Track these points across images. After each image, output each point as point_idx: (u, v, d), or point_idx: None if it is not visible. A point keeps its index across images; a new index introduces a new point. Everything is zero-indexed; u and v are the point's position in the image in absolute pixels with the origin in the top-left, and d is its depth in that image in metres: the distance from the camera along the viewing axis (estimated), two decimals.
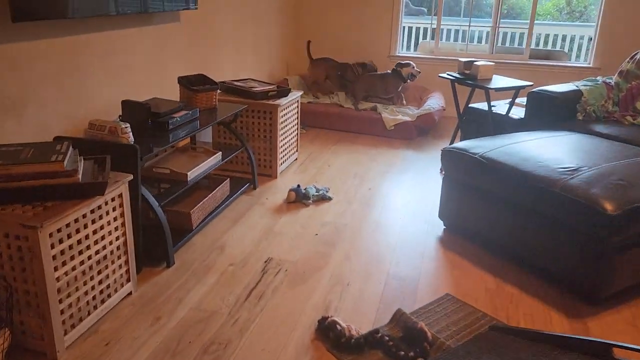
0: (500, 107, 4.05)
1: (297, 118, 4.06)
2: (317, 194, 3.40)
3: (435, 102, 5.03)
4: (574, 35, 7.19)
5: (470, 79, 3.68)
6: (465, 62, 3.78)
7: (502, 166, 2.59)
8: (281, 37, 5.61)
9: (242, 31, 4.56)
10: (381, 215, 3.20)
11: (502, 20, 5.73)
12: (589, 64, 5.39)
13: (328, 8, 5.82)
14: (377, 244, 2.85)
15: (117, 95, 2.99)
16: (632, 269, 2.32)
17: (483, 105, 4.08)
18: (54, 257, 1.81)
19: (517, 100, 4.16)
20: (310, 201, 3.34)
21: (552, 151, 2.70)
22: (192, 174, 2.82)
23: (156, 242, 2.58)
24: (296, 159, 4.17)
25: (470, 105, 4.05)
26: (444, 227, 3.07)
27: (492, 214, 2.69)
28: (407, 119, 4.79)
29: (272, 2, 5.24)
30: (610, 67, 5.27)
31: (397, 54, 5.79)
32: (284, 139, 3.79)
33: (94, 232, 2.01)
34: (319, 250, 2.76)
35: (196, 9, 3.50)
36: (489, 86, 3.56)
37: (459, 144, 2.93)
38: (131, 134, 2.40)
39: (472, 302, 2.33)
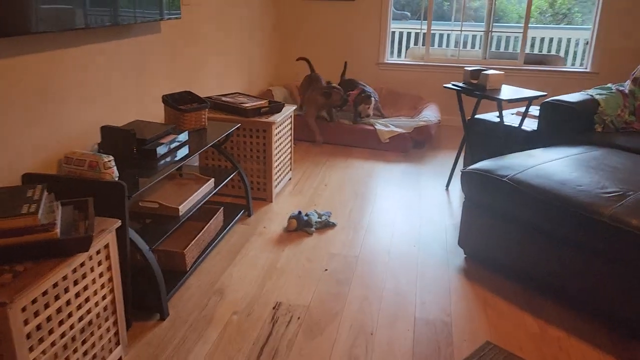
0: (507, 118, 3.80)
1: (291, 135, 3.73)
2: (319, 220, 3.08)
3: (431, 113, 4.77)
4: (561, 38, 7.06)
5: (478, 89, 3.42)
6: (472, 70, 3.52)
7: (537, 191, 2.32)
8: (265, 47, 5.28)
9: (225, 41, 4.21)
10: (392, 244, 2.90)
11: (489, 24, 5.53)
12: (586, 68, 5.22)
13: (312, 16, 5.51)
14: (396, 279, 2.55)
15: (93, 119, 2.61)
16: None
17: (488, 117, 3.83)
18: (28, 336, 1.44)
19: (523, 110, 3.93)
20: (313, 229, 3.02)
21: (587, 172, 2.45)
22: (184, 207, 2.47)
23: (146, 290, 2.23)
24: (290, 178, 3.84)
25: (475, 116, 3.79)
26: (465, 255, 2.79)
27: (525, 244, 2.42)
28: (402, 131, 4.51)
29: (255, 10, 4.90)
30: (609, 72, 5.11)
31: (387, 61, 5.52)
32: (278, 158, 3.46)
33: (77, 295, 1.65)
34: (332, 291, 2.44)
35: (179, 18, 3.14)
36: (500, 97, 3.30)
37: (481, 165, 2.65)
38: (115, 168, 2.03)
39: (517, 351, 2.04)
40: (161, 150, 2.41)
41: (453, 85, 3.56)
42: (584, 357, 2.02)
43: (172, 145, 2.52)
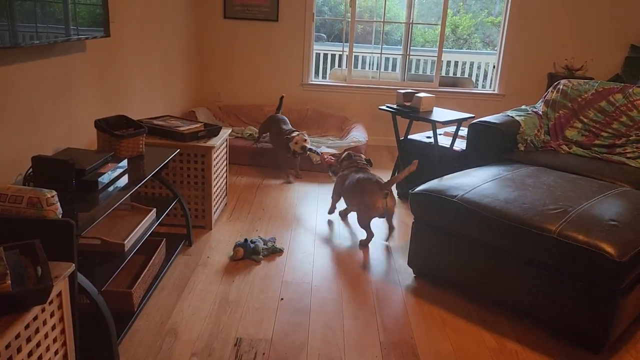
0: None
1: (227, 159, 3.61)
2: (266, 247, 2.99)
3: (360, 134, 4.85)
4: (465, 62, 7.54)
5: (412, 111, 3.53)
6: (404, 93, 3.63)
7: (487, 210, 2.41)
8: (187, 67, 5.09)
9: (149, 61, 4.00)
10: (342, 267, 2.87)
11: (391, 46, 5.78)
12: (494, 90, 5.61)
13: (235, 36, 5.42)
14: (354, 304, 2.52)
15: (19, 148, 2.34)
16: (630, 311, 2.26)
17: (419, 137, 3.97)
18: None
19: (450, 131, 4.12)
20: (260, 257, 2.91)
21: (526, 191, 2.59)
22: (129, 242, 2.27)
23: (94, 338, 2.00)
24: (226, 204, 3.70)
25: (407, 137, 3.90)
26: (414, 275, 2.83)
27: (476, 261, 2.50)
28: (334, 152, 4.54)
29: (177, 30, 4.72)
30: (514, 94, 5.52)
31: (310, 82, 5.55)
32: (216, 184, 3.32)
33: (29, 354, 1.43)
34: (292, 321, 2.35)
35: (108, 36, 2.93)
36: (431, 118, 3.43)
37: (428, 186, 2.72)
38: (59, 204, 1.82)
39: None
40: (103, 180, 2.21)
41: (388, 107, 3.65)
42: None
43: (113, 175, 2.32)
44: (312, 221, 3.49)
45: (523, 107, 4.06)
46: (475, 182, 2.72)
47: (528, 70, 5.46)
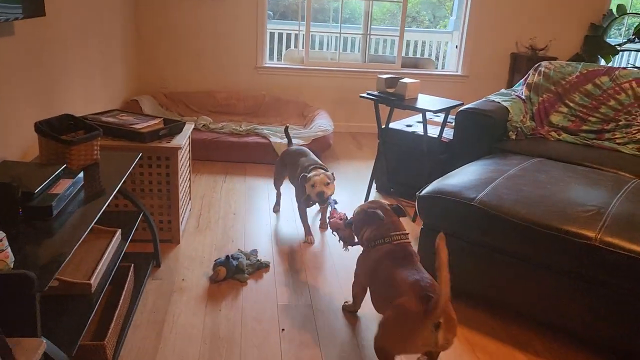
0: (416, 127, 3.67)
1: (190, 158, 3.13)
2: (251, 263, 2.58)
3: (326, 122, 4.48)
4: (417, 41, 7.31)
5: (397, 98, 3.19)
6: (387, 78, 3.29)
7: (514, 217, 2.13)
8: (126, 52, 4.47)
9: (86, 47, 3.40)
10: (341, 282, 2.53)
11: (344, 25, 5.42)
12: (457, 71, 5.39)
13: (178, 16, 4.82)
14: (365, 327, 2.18)
15: None
16: None
17: (398, 126, 3.66)
18: None
19: (431, 118, 3.84)
20: (246, 275, 2.50)
21: (545, 189, 2.35)
22: (96, 279, 1.80)
23: None
24: (191, 209, 3.23)
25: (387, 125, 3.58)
26: None
27: (501, 273, 2.23)
28: (301, 142, 4.14)
29: (115, 11, 4.09)
30: (478, 75, 5.34)
31: (265, 65, 5.08)
32: (182, 189, 2.84)
33: None
34: (302, 358, 1.98)
35: (43, 15, 2.35)
36: (419, 106, 3.12)
37: (438, 187, 2.41)
38: (9, 249, 1.33)
39: None
40: (57, 204, 1.71)
41: (368, 94, 3.29)
42: None
43: (69, 195, 1.82)
44: (293, 225, 3.11)
45: (503, 90, 3.85)
46: (486, 180, 2.44)
47: (491, 50, 5.28)
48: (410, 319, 1.63)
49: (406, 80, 3.22)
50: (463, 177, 2.50)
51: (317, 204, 2.84)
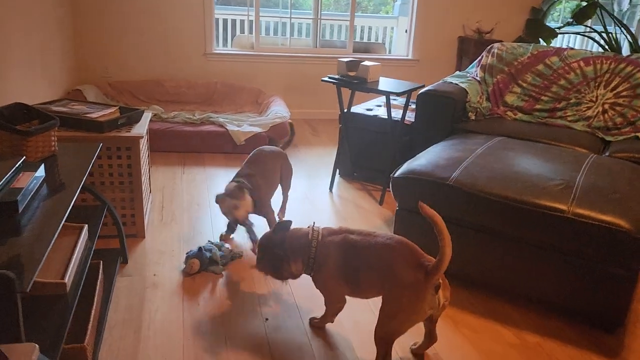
0: (376, 110, 3.67)
1: (148, 149, 2.98)
2: (223, 254, 2.49)
3: (282, 109, 4.40)
4: (364, 26, 7.33)
5: (360, 81, 3.17)
6: (348, 62, 3.26)
7: (490, 194, 2.17)
8: (65, 38, 4.19)
9: (21, 33, 3.16)
10: None
11: (293, 11, 5.36)
12: (408, 55, 5.45)
13: (123, 3, 4.58)
14: (351, 314, 2.16)
15: None
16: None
17: (358, 109, 3.65)
18: None
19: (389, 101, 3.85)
20: (220, 267, 2.42)
21: (515, 166, 2.40)
22: (70, 279, 1.67)
23: None
24: (151, 202, 3.08)
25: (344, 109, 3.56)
26: None
27: (476, 249, 2.27)
28: (259, 130, 4.06)
29: (55, 3, 3.83)
30: (428, 59, 5.42)
31: (214, 51, 4.93)
32: (143, 181, 2.71)
33: None
34: (291, 346, 1.94)
35: None
36: (381, 88, 3.11)
37: (411, 168, 2.41)
38: None
39: None
40: (22, 200, 1.57)
41: (330, 78, 3.25)
42: (571, 359, 1.96)
43: (32, 189, 1.67)
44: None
45: (458, 72, 3.92)
46: (457, 160, 2.47)
47: (440, 34, 5.37)
48: (414, 289, 1.64)
49: (367, 63, 3.20)
50: (434, 158, 2.52)
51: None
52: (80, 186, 1.81)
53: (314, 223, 1.94)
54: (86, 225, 2.01)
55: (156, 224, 2.83)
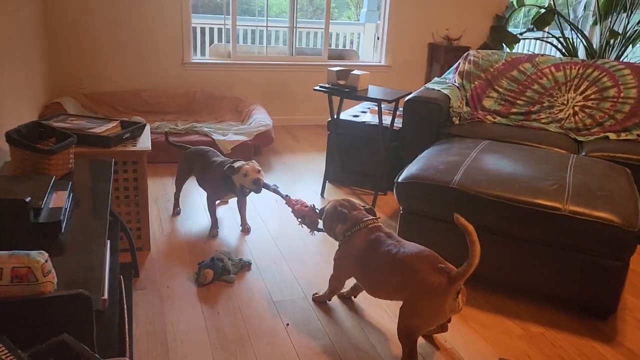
0: (362, 117, 3.79)
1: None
2: (234, 263, 2.54)
3: (264, 116, 4.46)
4: (331, 33, 7.45)
5: (351, 90, 3.28)
6: (337, 71, 3.36)
7: (491, 195, 2.32)
8: (38, 50, 4.12)
9: (8, 46, 3.10)
10: (325, 268, 2.58)
11: (261, 19, 5.43)
12: (380, 61, 5.61)
13: (95, 8, 4.52)
14: (363, 312, 2.26)
15: None
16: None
17: (345, 116, 3.76)
18: None
19: (375, 108, 3.98)
20: (233, 276, 2.47)
21: (509, 167, 2.57)
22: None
23: None
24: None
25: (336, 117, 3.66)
26: None
27: (481, 248, 2.41)
28: (245, 138, 4.11)
29: (21, 3, 3.75)
30: (400, 65, 5.60)
31: (192, 60, 4.93)
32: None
33: None
34: (315, 349, 2.02)
35: None
36: (371, 96, 3.24)
37: (413, 173, 2.54)
38: (54, 270, 1.23)
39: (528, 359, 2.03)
40: (63, 219, 1.59)
41: (322, 87, 3.35)
42: (573, 346, 2.13)
43: (68, 208, 1.69)
44: (257, 216, 3.09)
45: (437, 79, 4.09)
46: (455, 164, 2.61)
47: (410, 41, 5.56)
48: (438, 291, 1.76)
49: (357, 72, 3.32)
50: (432, 162, 2.66)
51: (252, 192, 2.76)
52: (109, 201, 1.84)
53: (375, 215, 2.16)
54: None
55: (158, 236, 2.85)
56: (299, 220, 2.38)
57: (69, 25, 4.48)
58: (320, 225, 2.31)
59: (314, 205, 2.38)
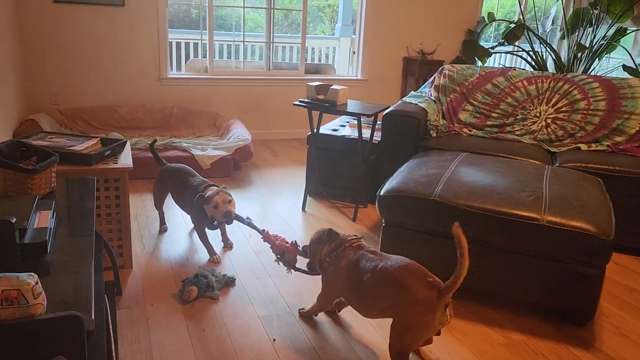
0: (341, 130, 3.84)
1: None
2: (217, 279, 2.53)
3: (243, 131, 4.47)
4: (307, 47, 7.53)
5: (330, 104, 3.33)
6: (317, 86, 3.40)
7: (470, 207, 2.38)
8: (9, 66, 4.06)
9: None
10: (310, 283, 2.59)
11: (236, 33, 5.47)
12: (356, 75, 5.69)
13: (70, 25, 4.48)
14: (350, 326, 2.28)
15: None
16: None
17: (324, 130, 3.80)
18: None
19: (354, 122, 4.03)
20: (217, 292, 2.46)
21: (487, 179, 2.64)
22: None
23: None
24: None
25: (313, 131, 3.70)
26: None
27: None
28: (224, 153, 4.11)
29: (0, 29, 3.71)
30: (376, 79, 5.69)
31: (169, 76, 4.92)
32: None
33: None
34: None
35: None
36: (351, 110, 3.29)
37: (394, 186, 2.58)
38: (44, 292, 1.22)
39: None
40: (49, 239, 1.57)
41: (300, 102, 3.38)
42: (553, 353, 2.18)
43: (53, 228, 1.67)
44: (238, 231, 3.09)
45: (413, 92, 4.17)
46: (434, 176, 2.67)
47: (385, 55, 5.66)
48: (428, 306, 1.78)
49: (336, 87, 3.37)
50: (412, 176, 2.71)
51: (220, 225, 2.80)
52: (94, 221, 1.82)
53: (358, 235, 2.16)
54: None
55: (140, 253, 2.82)
56: (278, 256, 2.35)
57: (42, 40, 4.42)
58: (298, 264, 2.32)
59: (295, 241, 2.37)
